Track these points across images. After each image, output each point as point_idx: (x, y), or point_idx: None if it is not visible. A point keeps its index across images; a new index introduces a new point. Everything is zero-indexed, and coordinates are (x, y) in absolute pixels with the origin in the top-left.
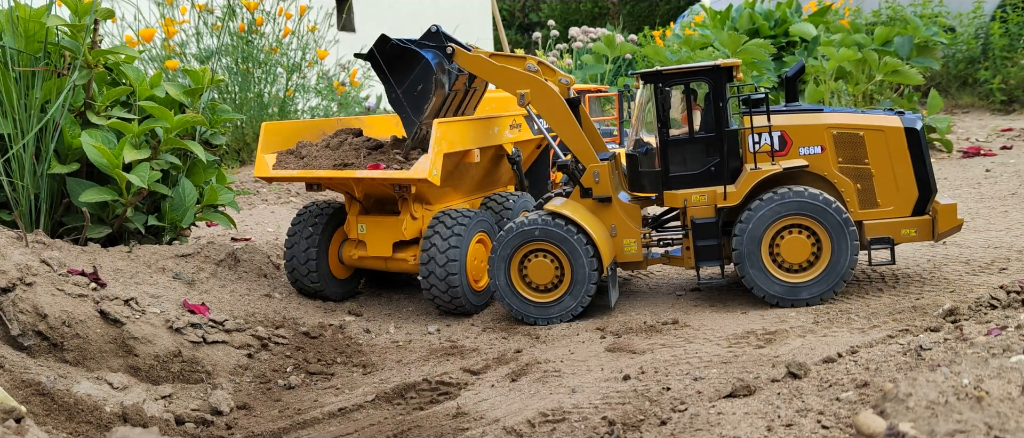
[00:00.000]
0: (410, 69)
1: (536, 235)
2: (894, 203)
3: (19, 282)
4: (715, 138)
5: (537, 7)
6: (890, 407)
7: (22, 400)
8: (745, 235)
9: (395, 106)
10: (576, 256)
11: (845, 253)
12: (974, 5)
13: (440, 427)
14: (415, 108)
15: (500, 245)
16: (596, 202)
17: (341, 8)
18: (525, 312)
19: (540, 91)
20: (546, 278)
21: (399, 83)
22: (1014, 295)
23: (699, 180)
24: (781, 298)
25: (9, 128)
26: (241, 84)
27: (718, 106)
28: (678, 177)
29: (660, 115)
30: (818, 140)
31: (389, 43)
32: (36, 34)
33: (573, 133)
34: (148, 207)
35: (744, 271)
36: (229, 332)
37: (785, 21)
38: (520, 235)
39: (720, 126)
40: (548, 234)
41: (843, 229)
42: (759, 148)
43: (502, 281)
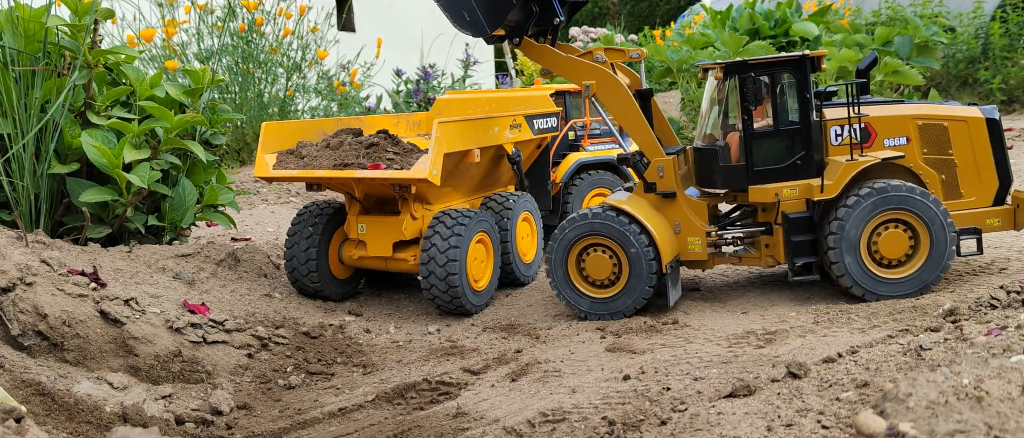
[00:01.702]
0: None
1: (594, 230)
2: (976, 193)
3: (19, 282)
4: (801, 130)
5: None
6: (890, 407)
7: (22, 400)
8: (845, 230)
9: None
10: (634, 252)
11: (944, 247)
12: (974, 5)
13: (440, 427)
14: (492, 17)
15: (559, 237)
16: (660, 197)
17: (341, 8)
18: (581, 306)
19: (605, 82)
20: (604, 273)
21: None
22: (1014, 295)
23: (784, 174)
24: (879, 294)
25: (9, 128)
26: (241, 84)
27: (804, 97)
28: (763, 171)
29: (745, 107)
30: (903, 131)
31: None
32: (36, 34)
33: (639, 125)
34: (148, 207)
35: (842, 267)
36: (229, 332)
37: (785, 21)
38: (578, 228)
39: (806, 118)
40: (606, 228)
41: (943, 223)
42: (842, 140)
43: (559, 274)
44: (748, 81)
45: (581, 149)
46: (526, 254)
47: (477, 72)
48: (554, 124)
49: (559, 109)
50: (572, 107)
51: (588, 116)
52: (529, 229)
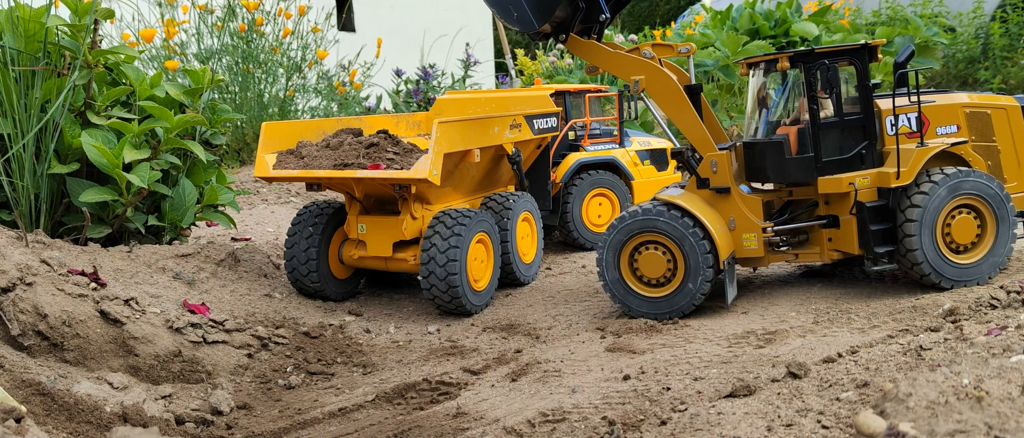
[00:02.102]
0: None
1: (648, 226)
2: (1017, 179)
3: (19, 282)
4: (863, 120)
5: None
6: (890, 407)
7: (22, 400)
8: (924, 216)
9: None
10: (690, 249)
11: (1008, 233)
12: (974, 5)
13: (440, 427)
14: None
15: (611, 235)
16: (714, 193)
17: (341, 8)
18: (634, 306)
19: (656, 77)
20: (658, 272)
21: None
22: (1014, 295)
23: (849, 164)
24: (954, 280)
25: (9, 128)
26: (241, 84)
27: (864, 86)
28: (831, 163)
29: (812, 97)
30: (954, 119)
31: None
32: (36, 34)
33: (691, 121)
34: (148, 207)
35: (921, 254)
36: (229, 332)
37: (785, 21)
38: (631, 226)
39: (868, 107)
40: (660, 225)
41: (1007, 209)
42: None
43: (611, 273)
44: (818, 70)
45: (581, 149)
46: (526, 254)
47: (477, 72)
48: (554, 124)
49: (559, 109)
50: (572, 107)
51: (588, 116)
52: (529, 229)
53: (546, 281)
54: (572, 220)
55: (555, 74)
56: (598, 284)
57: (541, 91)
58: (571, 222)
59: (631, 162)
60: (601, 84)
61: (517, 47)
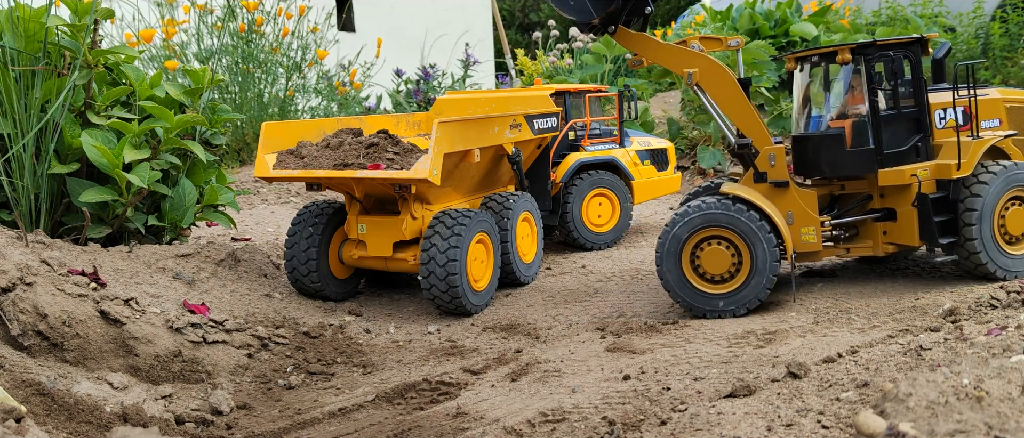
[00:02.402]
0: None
1: (713, 220)
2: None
3: (19, 282)
4: (918, 113)
5: (537, 7)
6: (890, 407)
7: (22, 400)
8: (983, 206)
9: None
10: (758, 244)
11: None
12: (974, 5)
13: (440, 427)
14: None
15: (672, 230)
16: (771, 187)
17: (341, 8)
18: (696, 304)
19: (709, 69)
20: (722, 268)
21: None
22: (1014, 295)
23: (906, 157)
24: (1008, 271)
25: (9, 128)
26: (241, 84)
27: (919, 79)
28: (892, 154)
29: (873, 89)
30: (996, 114)
31: None
32: (36, 34)
33: (747, 113)
34: (148, 207)
35: (980, 243)
36: (229, 332)
37: (785, 21)
38: (695, 220)
39: (921, 100)
40: (726, 219)
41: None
42: (945, 123)
43: (672, 270)
44: (879, 63)
45: (581, 149)
46: (526, 254)
47: (477, 72)
48: (554, 124)
49: (559, 109)
50: (572, 107)
51: (588, 116)
52: (529, 229)
53: (546, 281)
54: (572, 220)
55: (555, 74)
56: (598, 284)
57: (541, 91)
58: (571, 222)
59: (631, 162)
60: (601, 84)
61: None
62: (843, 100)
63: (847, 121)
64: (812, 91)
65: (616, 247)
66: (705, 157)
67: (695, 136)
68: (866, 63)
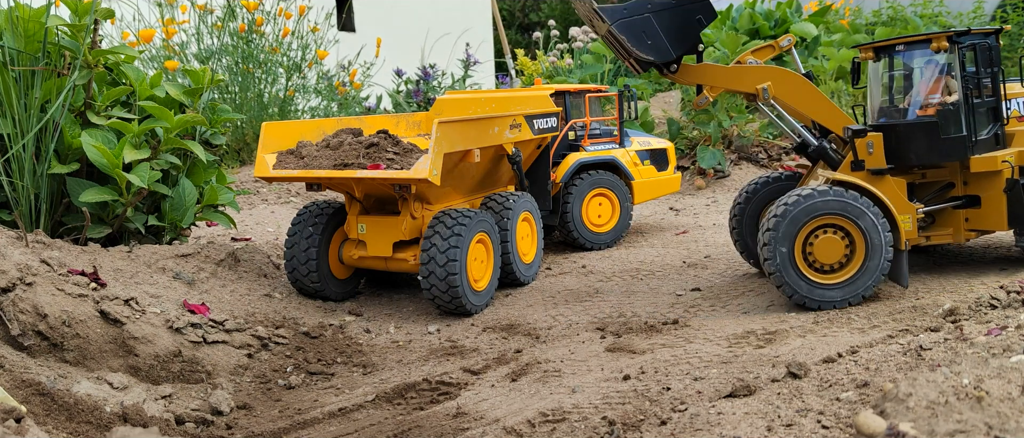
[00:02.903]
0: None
1: (825, 208)
2: None
3: (19, 282)
4: (995, 102)
5: (537, 7)
6: (890, 407)
7: (22, 400)
8: None
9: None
10: (873, 231)
11: None
12: (974, 5)
13: (440, 427)
14: (680, 41)
15: (783, 222)
16: (869, 175)
17: (341, 8)
18: (810, 297)
19: (781, 78)
20: (835, 257)
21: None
22: (1014, 295)
23: (988, 145)
24: None
25: (9, 128)
26: (241, 84)
27: (994, 71)
28: (981, 142)
29: (966, 78)
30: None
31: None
32: (36, 34)
33: (829, 108)
34: (148, 207)
35: None
36: (229, 332)
37: (785, 21)
38: (808, 209)
39: (997, 90)
40: (842, 206)
41: None
42: (1010, 113)
43: (783, 260)
44: (977, 50)
45: (581, 149)
46: (526, 254)
47: (477, 72)
48: (554, 124)
49: (559, 109)
50: (572, 107)
51: (588, 116)
52: (529, 229)
53: (546, 281)
54: (572, 220)
55: (555, 74)
56: (599, 284)
57: (541, 91)
58: (571, 222)
59: (631, 162)
60: (601, 84)
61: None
62: (931, 88)
63: (933, 109)
64: (896, 81)
65: (616, 247)
66: (705, 157)
67: (695, 136)
68: (960, 51)
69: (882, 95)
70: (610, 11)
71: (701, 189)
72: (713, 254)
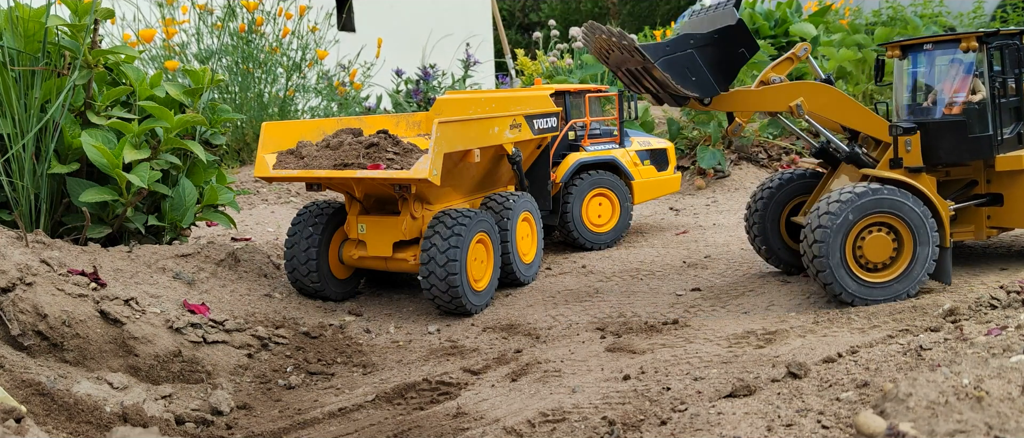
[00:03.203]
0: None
1: (879, 205)
2: None
3: (19, 282)
4: (1019, 102)
5: (537, 7)
6: (890, 407)
7: (22, 400)
8: None
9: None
10: (921, 229)
11: None
12: (974, 5)
13: (440, 427)
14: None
15: (837, 219)
16: (906, 172)
17: (341, 8)
18: (858, 295)
19: (813, 92)
20: (883, 255)
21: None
22: (1014, 295)
23: (1011, 144)
24: None
25: (9, 128)
26: (241, 84)
27: (1019, 72)
28: (1005, 141)
29: (993, 78)
30: None
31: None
32: (36, 34)
33: (862, 113)
34: (148, 207)
35: None
36: (229, 332)
37: (785, 21)
38: (866, 205)
39: (1022, 89)
40: (893, 204)
41: None
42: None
43: (836, 259)
44: (1005, 51)
45: (581, 149)
46: (526, 254)
47: (477, 72)
48: (554, 124)
49: (559, 109)
50: (572, 107)
51: (588, 116)
52: (529, 229)
53: (546, 281)
54: (572, 220)
55: (555, 74)
56: (599, 284)
57: (541, 91)
58: (571, 222)
59: (631, 162)
60: (601, 84)
61: (517, 47)
62: (957, 87)
63: (959, 108)
64: (922, 80)
65: (616, 247)
66: (705, 157)
67: (695, 136)
68: (989, 52)
69: (908, 94)
70: (652, 49)
71: (701, 189)
72: (713, 254)
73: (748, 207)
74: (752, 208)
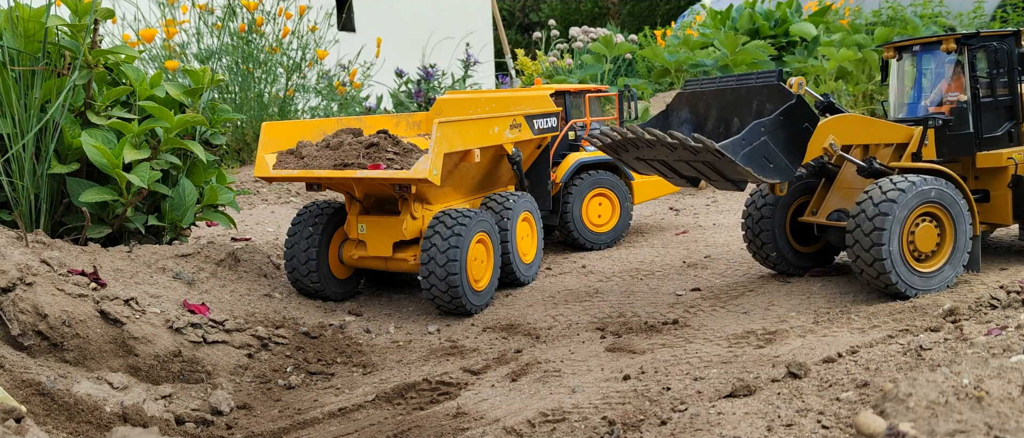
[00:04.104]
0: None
1: (929, 197)
2: None
3: (19, 282)
4: (1011, 101)
5: (537, 7)
6: (890, 407)
7: (22, 400)
8: None
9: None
10: (961, 220)
11: None
12: (974, 5)
13: (440, 427)
14: (797, 154)
15: (896, 209)
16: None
17: (341, 8)
18: (912, 285)
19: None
20: (929, 245)
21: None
22: (1014, 295)
23: (999, 142)
24: None
25: (9, 128)
26: (241, 84)
27: (1012, 70)
28: (989, 139)
29: (974, 78)
30: None
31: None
32: (36, 34)
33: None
34: (148, 207)
35: None
36: (229, 332)
37: (785, 21)
38: (915, 197)
39: (1014, 89)
40: (940, 195)
41: None
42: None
43: (895, 248)
44: (986, 52)
45: (581, 149)
46: (526, 254)
47: (477, 72)
48: (554, 124)
49: (559, 109)
50: (572, 107)
51: (588, 116)
52: (529, 229)
53: (546, 281)
54: (572, 220)
55: (555, 74)
56: (599, 284)
57: (541, 91)
58: (571, 222)
59: None
60: (601, 84)
61: (517, 47)
62: (943, 87)
63: (946, 107)
64: (910, 79)
65: (616, 247)
66: None
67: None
68: (969, 52)
69: (901, 93)
70: (731, 146)
71: (701, 189)
72: (713, 254)
73: (747, 215)
74: (754, 216)
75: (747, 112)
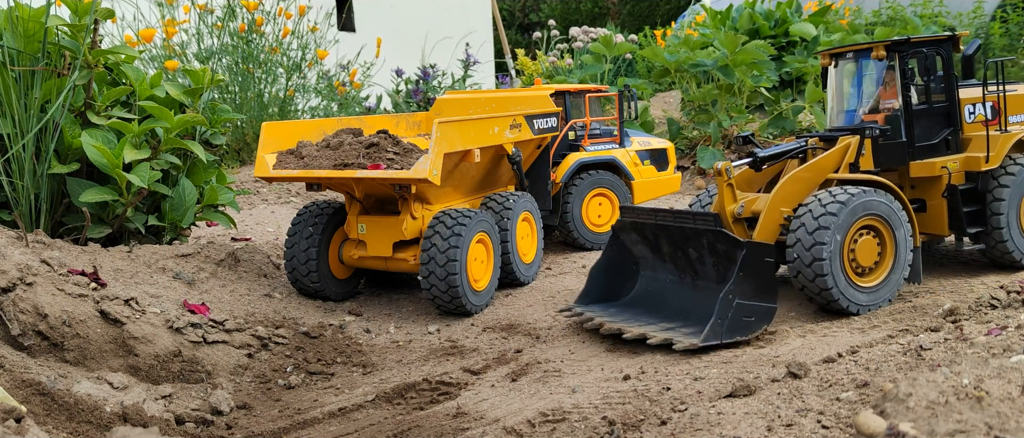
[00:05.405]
0: None
1: (869, 208)
2: None
3: (19, 282)
4: (948, 108)
5: (537, 7)
6: (890, 407)
7: (22, 400)
8: (1011, 198)
9: None
10: (901, 231)
11: None
12: (974, 5)
13: (440, 427)
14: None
15: (835, 222)
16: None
17: (341, 8)
18: (856, 301)
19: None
20: (870, 259)
21: None
22: (1014, 295)
23: (936, 150)
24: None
25: (9, 128)
26: (241, 84)
27: (950, 76)
28: (922, 148)
29: (905, 86)
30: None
31: None
32: (36, 34)
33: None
34: (148, 207)
35: (1007, 232)
36: (229, 332)
37: (785, 21)
38: (854, 210)
39: (952, 96)
40: (878, 206)
41: None
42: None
43: (837, 266)
44: (915, 58)
45: (581, 149)
46: (526, 254)
47: (477, 72)
48: (554, 124)
49: (559, 109)
50: (572, 107)
51: (588, 116)
52: (529, 229)
53: (546, 281)
54: (572, 220)
55: (555, 74)
56: None
57: (541, 91)
58: (571, 222)
59: (631, 162)
60: (601, 84)
61: (517, 47)
62: (877, 95)
63: (880, 115)
64: (846, 87)
65: None
66: (705, 157)
67: (695, 136)
68: (900, 59)
69: (836, 101)
70: (712, 334)
71: (701, 189)
72: None
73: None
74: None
75: (701, 246)
